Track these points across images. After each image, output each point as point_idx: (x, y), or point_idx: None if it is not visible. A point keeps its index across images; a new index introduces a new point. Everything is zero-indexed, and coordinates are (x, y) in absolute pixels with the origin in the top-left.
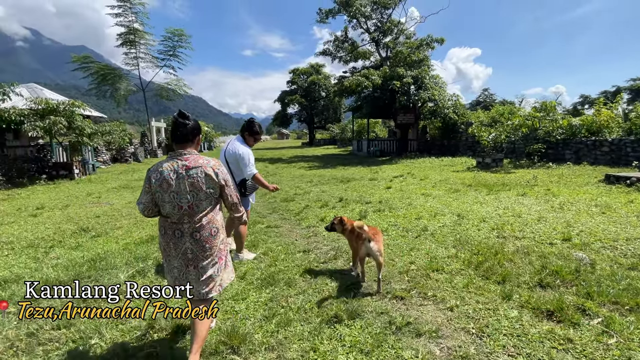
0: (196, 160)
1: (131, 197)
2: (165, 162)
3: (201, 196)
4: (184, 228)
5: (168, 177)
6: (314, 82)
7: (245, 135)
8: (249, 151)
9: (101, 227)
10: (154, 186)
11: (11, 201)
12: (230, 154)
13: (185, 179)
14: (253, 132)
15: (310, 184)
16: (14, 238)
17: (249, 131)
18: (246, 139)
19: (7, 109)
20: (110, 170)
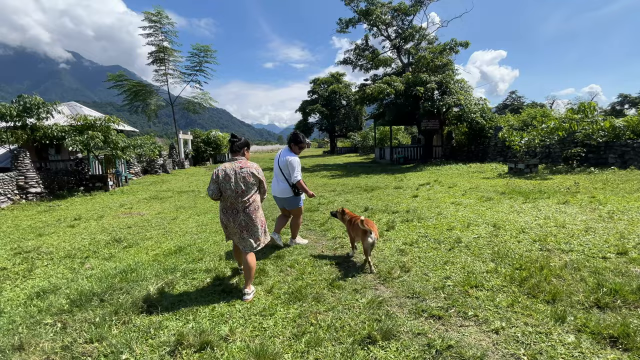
0: (245, 164)
1: (160, 207)
2: (227, 164)
3: (249, 185)
4: (238, 206)
5: (230, 173)
6: (335, 91)
7: (292, 145)
8: (297, 160)
9: (132, 237)
10: (220, 179)
11: (52, 212)
12: (282, 162)
13: (239, 175)
14: (297, 142)
15: (334, 193)
16: (54, 248)
17: (294, 142)
18: (292, 148)
19: (50, 126)
20: (141, 181)
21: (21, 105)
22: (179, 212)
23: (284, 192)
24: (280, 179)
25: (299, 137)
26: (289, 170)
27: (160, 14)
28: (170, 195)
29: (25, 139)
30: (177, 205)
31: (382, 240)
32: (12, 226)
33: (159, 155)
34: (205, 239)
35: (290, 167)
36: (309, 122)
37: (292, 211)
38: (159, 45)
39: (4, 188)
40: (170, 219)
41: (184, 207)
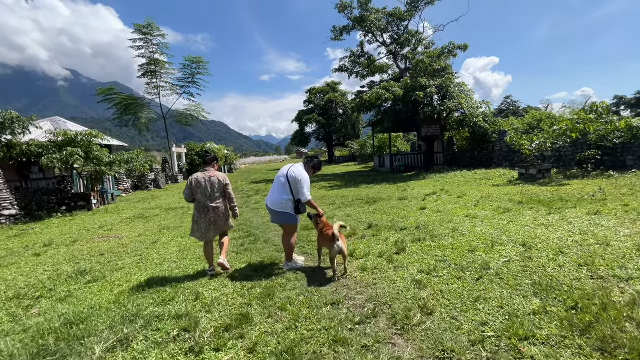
0: (213, 173)
1: (142, 228)
2: (199, 173)
3: (215, 189)
4: (208, 206)
5: (201, 180)
6: (331, 100)
7: (308, 166)
8: (307, 178)
9: (101, 268)
10: (193, 185)
11: (22, 237)
12: (292, 176)
13: (208, 182)
14: (316, 167)
15: (333, 206)
16: (4, 286)
17: (313, 165)
18: (307, 168)
19: (25, 142)
20: (130, 198)
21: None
22: (162, 233)
23: (283, 206)
24: (283, 192)
25: (320, 164)
26: (297, 186)
27: (150, 25)
28: (157, 213)
29: (1, 157)
30: (161, 225)
31: (393, 268)
32: None
33: (149, 170)
34: (184, 269)
35: (300, 184)
36: (306, 132)
37: (287, 227)
38: (150, 57)
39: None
40: (150, 243)
41: (168, 227)
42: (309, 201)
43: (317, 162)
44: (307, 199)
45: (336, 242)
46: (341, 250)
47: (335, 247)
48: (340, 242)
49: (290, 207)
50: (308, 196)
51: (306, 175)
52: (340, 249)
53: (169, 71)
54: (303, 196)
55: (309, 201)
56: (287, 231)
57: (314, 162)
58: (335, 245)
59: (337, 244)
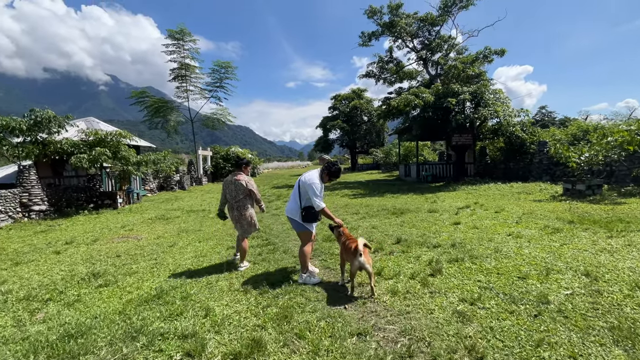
0: (240, 177)
1: (162, 230)
2: (229, 176)
3: (239, 191)
4: (233, 205)
5: (229, 182)
6: (356, 106)
7: (325, 173)
8: (319, 184)
9: (115, 271)
10: (224, 186)
11: (48, 233)
12: (304, 181)
13: (233, 184)
14: (333, 173)
15: (357, 216)
16: (18, 284)
17: (329, 172)
18: (322, 176)
19: (59, 141)
20: (155, 198)
21: (32, 119)
22: (180, 236)
23: (294, 213)
24: (295, 198)
25: (338, 171)
26: (307, 193)
27: (182, 31)
28: (178, 215)
29: (36, 154)
30: (181, 227)
31: (429, 293)
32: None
33: (175, 172)
34: (197, 279)
35: (310, 189)
36: (330, 138)
37: (300, 235)
38: (181, 62)
39: (5, 205)
40: (167, 246)
41: (188, 230)
42: (323, 210)
43: (334, 169)
44: (319, 207)
45: (358, 257)
46: (363, 266)
47: (356, 262)
48: (362, 257)
49: (300, 214)
50: (319, 203)
51: (317, 181)
52: (362, 264)
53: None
54: (316, 204)
55: (323, 210)
56: (301, 240)
57: (332, 168)
58: (357, 260)
59: (359, 260)
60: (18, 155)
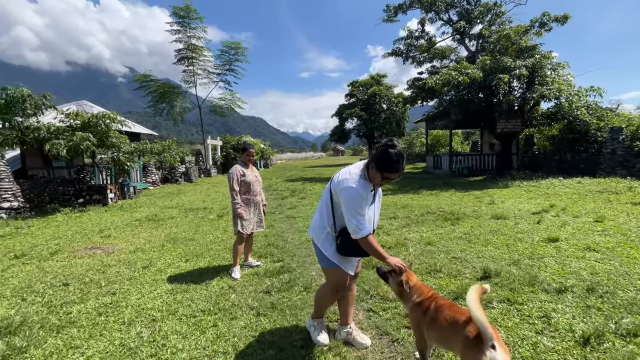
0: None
1: (146, 237)
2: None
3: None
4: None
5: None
6: (375, 93)
7: (373, 166)
8: (362, 191)
9: (41, 320)
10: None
11: (5, 240)
12: (336, 183)
13: None
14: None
15: (396, 222)
16: None
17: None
18: (371, 174)
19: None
20: (155, 192)
21: (3, 99)
22: (164, 249)
23: (317, 233)
24: (322, 212)
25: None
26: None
27: (188, 8)
28: (173, 215)
29: (15, 140)
30: (170, 234)
31: None
32: None
33: (180, 163)
34: (162, 342)
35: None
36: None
37: (324, 271)
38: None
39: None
40: (140, 267)
41: (177, 238)
42: (366, 239)
43: (392, 158)
44: (363, 235)
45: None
46: None
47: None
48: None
49: (328, 240)
50: (357, 226)
51: (357, 185)
52: None
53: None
54: (354, 228)
55: (366, 239)
56: (326, 279)
57: (384, 156)
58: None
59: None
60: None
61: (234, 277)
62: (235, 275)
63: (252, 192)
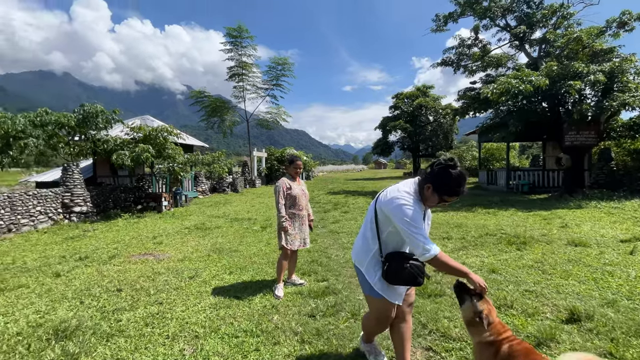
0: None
1: (193, 246)
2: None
3: None
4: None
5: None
6: (421, 105)
7: (429, 188)
8: (417, 207)
9: (94, 326)
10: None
11: (74, 242)
12: (384, 202)
13: None
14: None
15: (450, 244)
16: None
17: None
18: (425, 195)
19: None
20: (204, 201)
21: (81, 114)
22: (210, 260)
23: (361, 257)
24: (367, 233)
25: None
26: (396, 226)
27: (240, 28)
28: (220, 224)
29: (88, 151)
30: (215, 244)
31: None
32: (0, 263)
33: (228, 173)
34: None
35: (399, 218)
36: (390, 140)
37: (367, 300)
38: (238, 60)
39: (46, 206)
40: (187, 277)
41: (222, 249)
42: (438, 259)
43: (453, 179)
44: (432, 255)
45: None
46: None
47: None
48: None
49: (373, 265)
50: (424, 245)
51: (410, 202)
52: None
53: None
54: (414, 247)
55: (438, 259)
56: (369, 309)
57: (444, 177)
58: None
59: None
60: (71, 153)
61: (277, 294)
62: (279, 293)
63: (298, 206)
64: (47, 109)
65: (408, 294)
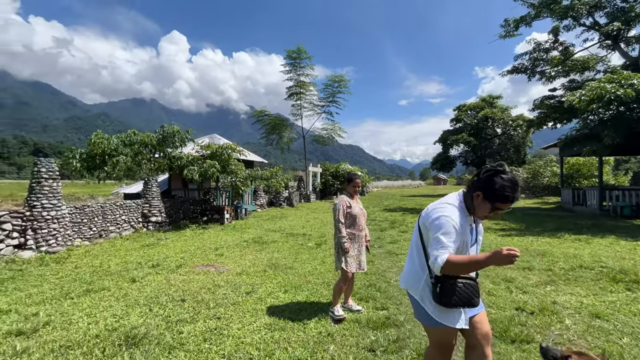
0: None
1: (251, 259)
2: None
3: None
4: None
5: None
6: (487, 116)
7: (479, 196)
8: (454, 222)
9: (159, 335)
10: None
11: (150, 249)
12: (425, 217)
13: None
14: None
15: (531, 274)
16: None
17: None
18: (475, 203)
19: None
20: (262, 215)
21: (161, 134)
22: (266, 275)
23: (410, 283)
24: (414, 254)
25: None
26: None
27: (299, 50)
28: (276, 238)
29: (165, 167)
30: (271, 259)
31: None
32: (91, 266)
33: (284, 188)
34: None
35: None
36: (451, 155)
37: (426, 330)
38: (297, 80)
39: (129, 216)
40: (244, 292)
41: (277, 265)
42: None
43: (504, 184)
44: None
45: None
46: None
47: None
48: None
49: (427, 291)
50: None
51: (449, 214)
52: None
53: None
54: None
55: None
56: (429, 340)
57: (494, 183)
58: None
59: None
60: (151, 168)
61: (337, 315)
62: (338, 314)
63: (358, 227)
64: (135, 130)
65: (478, 321)
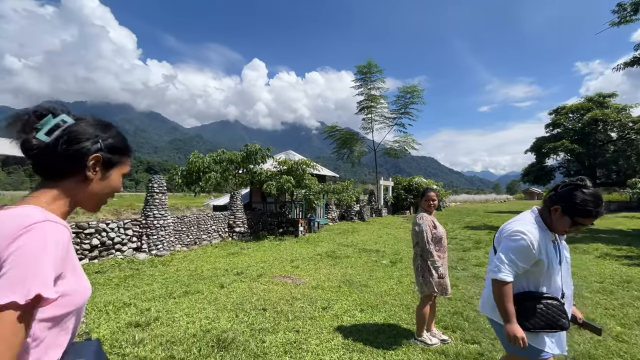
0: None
1: (325, 274)
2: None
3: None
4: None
5: None
6: (595, 119)
7: (557, 210)
8: (526, 239)
9: (245, 341)
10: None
11: (234, 257)
12: (499, 234)
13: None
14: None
15: None
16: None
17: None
18: (554, 218)
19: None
20: (334, 228)
21: (245, 152)
22: (340, 291)
23: (490, 308)
24: (489, 279)
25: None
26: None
27: (370, 64)
28: (349, 253)
29: (247, 181)
30: (345, 275)
31: None
32: (188, 270)
33: (355, 202)
34: None
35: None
36: (547, 165)
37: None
38: (368, 94)
39: (218, 225)
40: (320, 307)
41: (352, 281)
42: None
43: (587, 198)
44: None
45: None
46: None
47: None
48: None
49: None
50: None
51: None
52: None
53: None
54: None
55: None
56: None
57: (576, 197)
58: None
59: None
60: (236, 183)
61: (430, 344)
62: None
63: (443, 248)
64: (224, 150)
65: None
